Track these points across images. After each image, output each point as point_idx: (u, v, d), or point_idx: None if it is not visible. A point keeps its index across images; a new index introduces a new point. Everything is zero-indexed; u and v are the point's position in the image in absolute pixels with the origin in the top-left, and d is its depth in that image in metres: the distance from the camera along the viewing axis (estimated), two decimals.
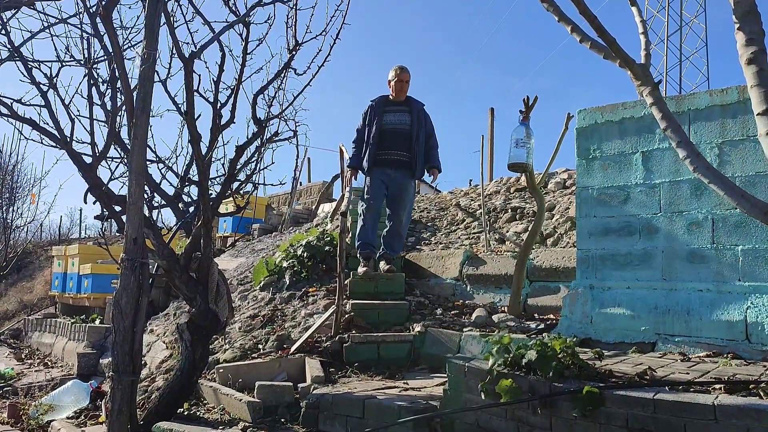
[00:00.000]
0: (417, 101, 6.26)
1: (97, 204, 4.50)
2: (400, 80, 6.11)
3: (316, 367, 4.63)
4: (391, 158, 6.08)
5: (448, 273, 6.15)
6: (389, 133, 6.07)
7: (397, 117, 6.14)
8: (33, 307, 13.22)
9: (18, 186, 11.42)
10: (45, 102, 4.15)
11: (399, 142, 6.06)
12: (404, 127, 6.10)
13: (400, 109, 6.18)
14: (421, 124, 6.12)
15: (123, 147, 4.89)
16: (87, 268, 9.46)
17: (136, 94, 3.55)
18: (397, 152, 6.07)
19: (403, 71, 6.14)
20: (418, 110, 6.17)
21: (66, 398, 5.16)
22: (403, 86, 6.14)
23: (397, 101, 6.20)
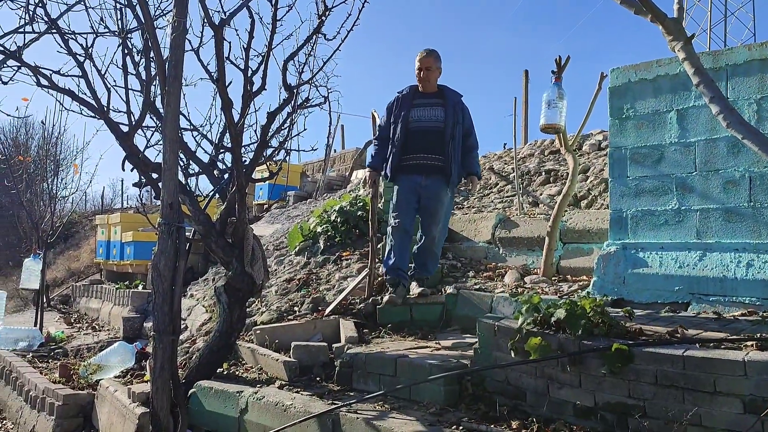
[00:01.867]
0: (453, 92, 5.16)
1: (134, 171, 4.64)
2: (423, 68, 5.04)
3: (350, 328, 4.73)
4: (420, 163, 5.01)
5: (480, 236, 6.16)
6: (418, 133, 5.02)
7: (427, 112, 5.06)
8: (80, 274, 13.70)
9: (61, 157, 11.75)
10: (82, 72, 4.26)
11: (430, 142, 4.99)
12: (436, 125, 5.01)
13: (432, 103, 5.08)
14: (458, 119, 5.03)
15: (158, 115, 4.99)
16: (129, 236, 9.74)
17: (168, 63, 3.62)
18: (429, 155, 5.00)
19: (428, 56, 5.04)
20: (455, 103, 5.06)
21: (113, 359, 5.37)
22: (429, 75, 5.05)
23: (427, 93, 5.11)
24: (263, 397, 3.79)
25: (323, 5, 4.99)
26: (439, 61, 5.07)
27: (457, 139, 5.01)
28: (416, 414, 3.30)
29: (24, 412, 5.30)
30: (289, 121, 5.23)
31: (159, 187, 4.54)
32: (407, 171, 5.04)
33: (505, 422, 3.09)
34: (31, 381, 5.41)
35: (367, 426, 3.17)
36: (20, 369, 5.77)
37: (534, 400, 3.18)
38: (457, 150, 5.01)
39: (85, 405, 4.90)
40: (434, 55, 5.05)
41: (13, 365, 5.93)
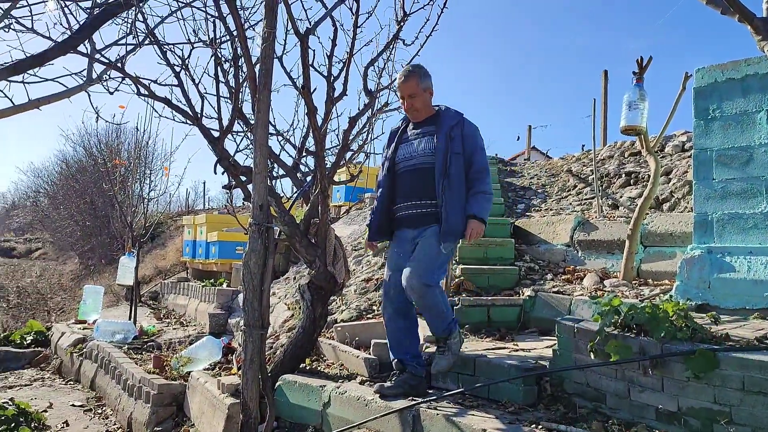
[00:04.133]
0: (450, 113, 3.95)
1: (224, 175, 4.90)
2: (405, 96, 3.91)
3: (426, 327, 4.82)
4: (410, 213, 3.87)
5: (558, 239, 6.13)
6: (406, 175, 3.92)
7: (415, 147, 3.91)
8: (167, 272, 14.37)
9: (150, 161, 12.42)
10: (178, 82, 4.54)
11: (420, 185, 3.83)
12: (426, 160, 3.83)
13: (422, 133, 3.93)
14: (455, 148, 3.79)
15: (245, 121, 5.26)
16: (214, 235, 10.18)
17: (258, 71, 3.81)
18: (419, 201, 3.83)
19: (407, 80, 3.87)
20: (450, 128, 3.83)
21: (201, 352, 5.67)
22: (415, 102, 3.88)
23: (419, 122, 3.99)
24: (345, 391, 3.93)
25: (402, 11, 5.12)
26: (424, 81, 3.88)
27: (455, 175, 3.74)
28: (495, 412, 3.36)
29: (122, 400, 5.67)
30: (368, 125, 5.40)
31: (248, 189, 4.79)
32: (397, 225, 3.97)
33: (585, 423, 3.11)
34: (128, 371, 5.78)
35: (447, 422, 3.25)
36: (118, 359, 6.17)
37: (614, 402, 3.18)
38: (455, 189, 3.74)
39: (177, 394, 5.19)
40: (415, 76, 3.86)
41: (111, 356, 6.34)
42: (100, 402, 6.19)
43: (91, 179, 21.95)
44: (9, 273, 25.41)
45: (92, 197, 21.47)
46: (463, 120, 3.93)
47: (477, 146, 3.90)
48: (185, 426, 4.88)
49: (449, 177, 3.75)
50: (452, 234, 3.74)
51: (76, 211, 22.54)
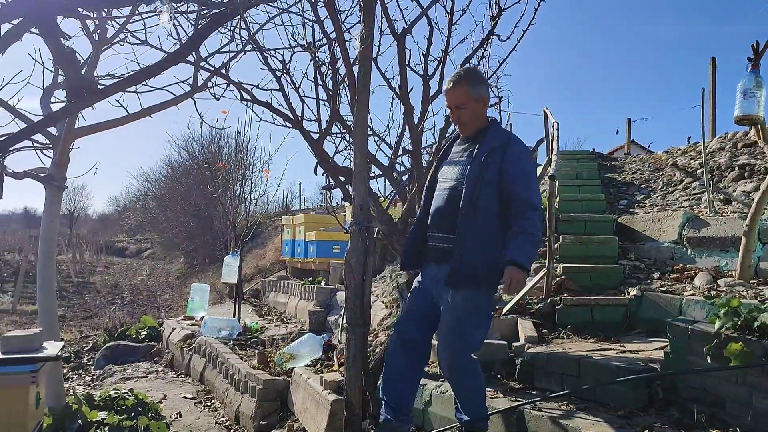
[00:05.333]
0: (495, 133, 3.27)
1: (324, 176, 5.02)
2: (453, 106, 3.32)
3: (528, 328, 4.74)
4: (434, 246, 3.33)
5: (665, 236, 5.85)
6: (437, 200, 3.37)
7: (452, 168, 3.33)
8: (266, 271, 14.86)
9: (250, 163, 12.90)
10: (279, 86, 4.69)
11: (446, 213, 3.26)
12: (456, 185, 3.23)
13: (462, 153, 3.34)
14: (488, 176, 3.11)
15: (343, 123, 5.36)
16: (312, 235, 10.44)
17: (357, 73, 3.87)
18: (441, 234, 3.28)
19: (455, 87, 3.28)
20: (490, 150, 3.16)
21: (303, 349, 5.83)
22: (463, 115, 3.28)
23: (466, 138, 3.38)
24: (446, 390, 3.93)
25: (497, 6, 5.05)
26: (476, 89, 3.25)
27: (483, 208, 3.10)
28: (603, 416, 3.26)
29: (229, 393, 5.92)
30: None
31: (347, 190, 4.88)
32: (426, 255, 3.40)
33: (703, 430, 2.96)
34: (234, 366, 6.02)
35: (553, 424, 3.19)
36: (225, 355, 6.45)
37: (735, 409, 3.01)
38: (479, 224, 3.09)
39: (281, 390, 5.36)
40: (465, 82, 3.25)
41: (218, 351, 6.64)
42: (209, 395, 6.48)
43: (194, 182, 23.07)
44: (123, 271, 27.16)
45: (195, 199, 22.54)
46: (510, 141, 3.19)
47: (522, 174, 3.13)
48: (290, 421, 5.03)
49: (474, 211, 3.08)
50: (462, 278, 3.08)
51: (181, 212, 23.73)
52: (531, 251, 3.10)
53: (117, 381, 6.99)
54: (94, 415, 4.69)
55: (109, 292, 19.66)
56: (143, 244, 39.96)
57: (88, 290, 19.96)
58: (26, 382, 2.79)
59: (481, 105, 3.29)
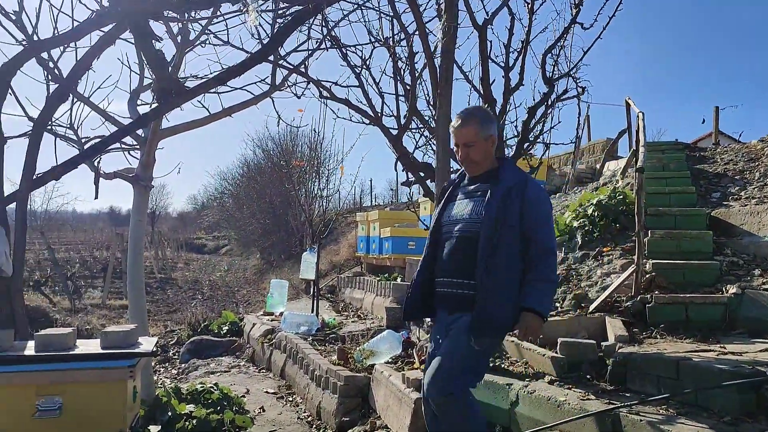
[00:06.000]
0: (510, 172, 3.14)
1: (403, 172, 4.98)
2: (460, 144, 3.16)
3: (618, 327, 4.55)
4: (445, 293, 3.13)
5: (765, 230, 5.50)
6: (447, 243, 3.14)
7: (460, 209, 3.16)
8: (340, 267, 15.00)
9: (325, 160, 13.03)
10: (359, 82, 4.68)
11: (461, 257, 3.05)
12: (470, 228, 3.04)
13: (474, 192, 3.16)
14: (508, 218, 2.96)
15: (421, 118, 5.30)
16: (387, 231, 10.44)
17: (439, 67, 3.80)
18: (456, 279, 3.07)
19: (464, 125, 3.13)
20: (507, 189, 3.00)
21: (382, 346, 5.81)
22: (471, 153, 3.12)
23: (475, 177, 3.21)
24: (534, 391, 3.81)
25: None
26: (485, 127, 3.11)
27: (504, 253, 2.93)
28: (707, 422, 3.07)
29: (310, 389, 5.98)
30: (546, 114, 5.21)
31: (427, 185, 4.82)
32: (437, 303, 3.20)
33: None
34: (315, 361, 6.07)
35: (653, 429, 3.03)
36: (305, 350, 6.52)
37: None
38: (501, 270, 2.92)
39: (362, 387, 5.36)
40: (474, 120, 3.11)
41: (299, 347, 6.71)
42: (290, 390, 6.57)
43: (269, 180, 23.56)
44: (202, 268, 28.08)
45: (270, 197, 23.01)
46: (528, 182, 3.06)
47: (542, 218, 3.01)
48: (371, 418, 5.02)
49: (495, 254, 2.90)
50: (487, 327, 2.91)
51: (257, 210, 24.30)
52: (550, 299, 3.06)
53: (201, 375, 7.19)
54: (183, 408, 4.82)
55: (189, 287, 20.36)
56: (221, 241, 41.21)
57: (170, 286, 20.73)
58: (125, 377, 2.87)
59: (490, 144, 3.16)
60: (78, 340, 3.09)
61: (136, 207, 5.52)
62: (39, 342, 2.90)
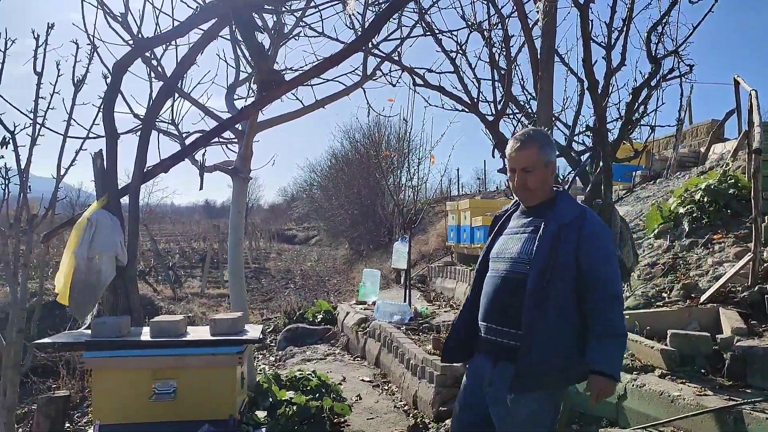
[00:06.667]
0: (566, 205, 2.72)
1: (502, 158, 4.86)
2: (517, 169, 2.74)
3: (734, 318, 4.28)
4: (487, 340, 2.72)
5: None
6: (490, 283, 2.75)
7: (510, 245, 2.76)
8: (429, 256, 14.96)
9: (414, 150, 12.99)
10: (454, 68, 4.59)
11: (506, 302, 2.66)
12: (519, 270, 2.64)
13: (524, 227, 2.77)
14: (563, 258, 2.56)
15: (517, 104, 5.16)
16: (478, 220, 10.30)
17: (540, 48, 3.67)
18: (499, 327, 2.68)
19: (522, 148, 2.72)
20: (562, 227, 2.61)
21: None
22: (529, 180, 2.71)
23: (529, 208, 2.81)
24: (644, 384, 3.66)
25: None
26: (546, 152, 2.73)
27: (554, 297, 2.54)
28: None
29: (406, 378, 5.98)
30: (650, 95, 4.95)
31: None
32: (479, 346, 2.80)
33: None
34: (410, 351, 6.07)
35: None
36: (400, 339, 6.53)
37: None
38: (552, 317, 2.53)
39: (458, 376, 5.29)
40: (535, 143, 2.71)
41: (393, 336, 6.74)
42: (386, 378, 6.61)
43: (356, 171, 23.82)
44: (293, 258, 28.81)
45: (358, 188, 23.25)
46: (585, 216, 2.65)
47: (604, 258, 2.59)
48: None
49: (546, 300, 2.52)
50: (534, 382, 2.51)
51: (345, 201, 24.62)
52: (621, 356, 2.65)
53: (298, 362, 7.35)
54: (283, 395, 4.93)
55: (282, 277, 20.92)
56: (310, 232, 42.14)
57: (263, 275, 21.38)
58: (234, 363, 2.95)
59: (549, 171, 2.76)
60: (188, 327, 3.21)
61: (235, 198, 5.68)
62: (154, 328, 3.02)
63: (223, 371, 2.95)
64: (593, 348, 2.50)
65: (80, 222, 3.48)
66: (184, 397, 2.92)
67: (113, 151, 3.61)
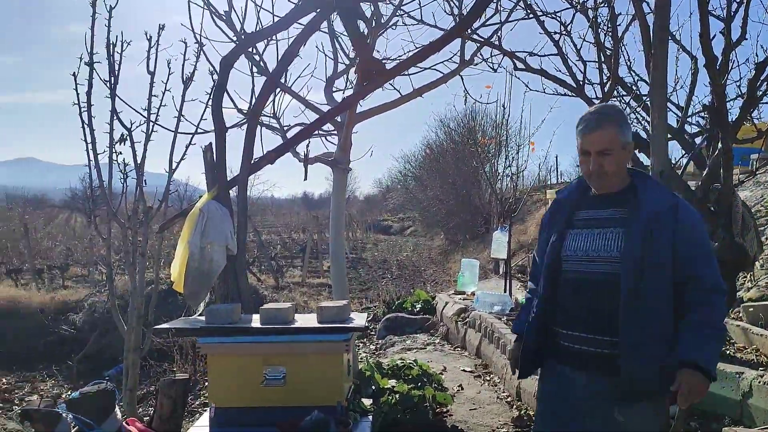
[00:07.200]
0: (658, 193, 2.43)
1: None
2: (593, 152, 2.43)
3: None
4: (572, 348, 2.46)
5: None
6: (572, 286, 2.48)
7: (591, 242, 2.47)
8: (528, 246, 14.66)
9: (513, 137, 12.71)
10: (558, 51, 4.43)
11: (598, 307, 2.39)
12: (610, 270, 2.37)
13: (606, 221, 2.47)
14: (656, 250, 2.30)
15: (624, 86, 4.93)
16: None
17: (652, 25, 3.47)
18: (587, 334, 2.42)
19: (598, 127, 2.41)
20: (654, 215, 2.33)
21: None
22: (603, 164, 2.42)
23: (602, 195, 2.53)
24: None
25: None
26: (625, 132, 2.44)
27: (652, 296, 2.28)
28: None
29: (508, 370, 5.88)
30: None
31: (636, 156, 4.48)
32: (554, 356, 2.56)
33: None
34: (512, 341, 5.95)
35: None
36: (501, 330, 6.42)
37: None
38: (651, 318, 2.28)
39: None
40: (613, 122, 2.42)
41: (494, 326, 6.64)
42: (487, 369, 6.53)
43: (451, 160, 23.67)
44: (389, 248, 29.06)
45: (453, 177, 23.10)
46: (679, 204, 2.36)
47: (703, 248, 2.34)
48: None
49: (642, 303, 2.26)
50: (639, 392, 2.30)
51: (439, 191, 24.56)
52: (716, 351, 2.33)
53: (398, 351, 7.39)
54: (385, 383, 4.96)
55: (379, 267, 21.15)
56: (405, 222, 42.36)
57: (361, 265, 21.71)
58: (341, 350, 2.99)
59: (627, 154, 2.49)
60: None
61: (336, 189, 5.76)
62: (263, 315, 3.10)
63: (331, 358, 3.00)
64: (686, 339, 2.23)
65: (193, 213, 3.63)
66: (293, 383, 2.98)
67: (222, 145, 3.73)
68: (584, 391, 2.40)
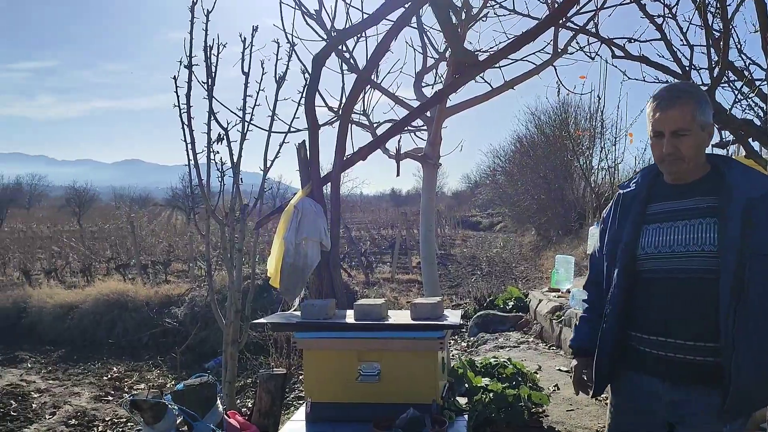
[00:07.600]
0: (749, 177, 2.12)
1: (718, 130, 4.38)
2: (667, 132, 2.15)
3: None
4: (660, 356, 2.19)
5: None
6: (654, 285, 2.21)
7: (675, 235, 2.17)
8: None
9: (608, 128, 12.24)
10: (661, 35, 4.19)
11: (689, 308, 2.11)
12: (697, 266, 2.10)
13: (688, 210, 2.18)
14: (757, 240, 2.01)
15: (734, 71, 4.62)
16: None
17: None
18: (680, 340, 2.13)
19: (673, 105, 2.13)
20: (748, 203, 2.04)
21: None
22: (679, 146, 2.15)
23: (680, 184, 2.25)
24: None
25: None
26: (704, 111, 2.15)
27: (756, 293, 2.00)
28: None
29: None
30: None
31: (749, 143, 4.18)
32: (632, 366, 2.31)
33: None
34: None
35: None
36: None
37: None
38: (757, 320, 2.01)
39: None
40: (691, 100, 2.14)
41: None
42: None
43: (542, 154, 23.09)
44: (478, 244, 28.76)
45: (545, 171, 22.54)
46: None
47: None
48: None
49: (746, 301, 1.99)
50: (747, 404, 2.05)
51: (530, 185, 24.02)
52: None
53: (490, 349, 7.28)
54: (479, 381, 4.88)
55: (468, 263, 20.95)
56: (495, 218, 41.80)
57: (450, 261, 21.57)
58: (435, 348, 2.94)
59: (707, 137, 2.19)
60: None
61: (425, 185, 5.72)
62: (358, 311, 3.10)
63: (425, 356, 2.96)
64: None
65: (288, 209, 3.69)
66: (387, 380, 2.96)
67: (315, 142, 3.78)
68: (672, 406, 2.18)
